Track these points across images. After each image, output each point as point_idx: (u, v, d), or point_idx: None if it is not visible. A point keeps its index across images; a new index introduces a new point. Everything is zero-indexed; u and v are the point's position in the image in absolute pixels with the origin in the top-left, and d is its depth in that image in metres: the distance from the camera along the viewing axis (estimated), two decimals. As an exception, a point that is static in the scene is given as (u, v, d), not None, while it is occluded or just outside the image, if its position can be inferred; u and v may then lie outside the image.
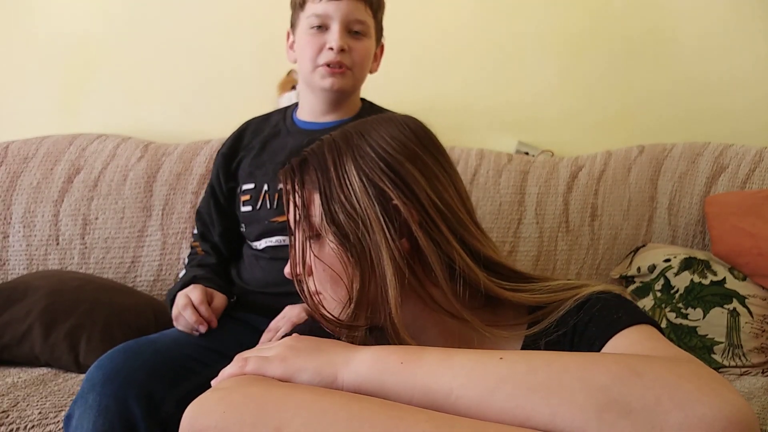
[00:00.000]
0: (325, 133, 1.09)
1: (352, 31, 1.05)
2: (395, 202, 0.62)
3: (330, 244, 0.63)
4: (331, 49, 1.03)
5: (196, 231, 1.22)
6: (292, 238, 0.68)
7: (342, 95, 1.09)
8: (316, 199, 0.65)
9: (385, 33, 1.18)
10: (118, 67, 1.81)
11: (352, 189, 0.63)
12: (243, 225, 1.14)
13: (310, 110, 1.14)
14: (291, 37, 1.13)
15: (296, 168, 0.67)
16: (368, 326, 0.63)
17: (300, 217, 0.66)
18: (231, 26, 1.79)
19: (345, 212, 0.62)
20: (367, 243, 0.62)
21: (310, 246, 0.65)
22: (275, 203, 1.09)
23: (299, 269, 0.66)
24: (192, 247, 1.21)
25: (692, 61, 1.75)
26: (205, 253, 1.17)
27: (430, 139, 0.68)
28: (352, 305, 0.62)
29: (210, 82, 1.80)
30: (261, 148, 1.15)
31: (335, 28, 1.03)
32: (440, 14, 1.78)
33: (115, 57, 1.81)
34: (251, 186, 1.12)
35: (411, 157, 0.64)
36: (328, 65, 1.05)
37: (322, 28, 1.05)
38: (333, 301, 0.64)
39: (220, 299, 1.05)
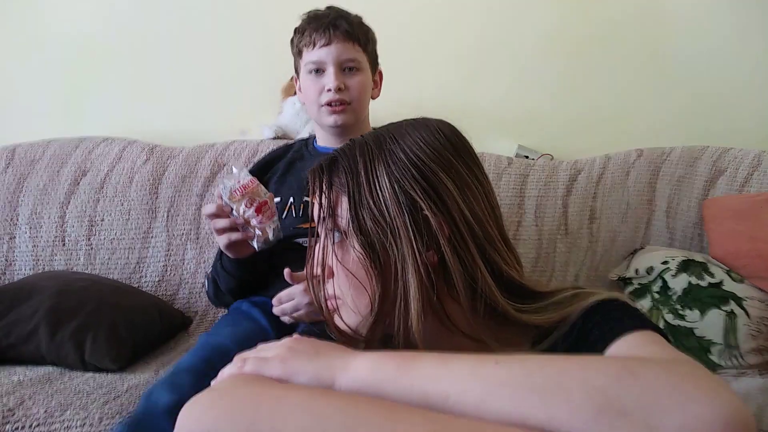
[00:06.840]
0: None
1: (345, 69, 1.16)
2: (426, 212, 0.60)
3: (354, 251, 0.61)
4: (330, 90, 1.14)
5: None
6: (314, 238, 0.66)
7: (347, 128, 1.19)
8: (344, 202, 0.62)
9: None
10: (124, 71, 1.82)
11: (382, 196, 0.61)
12: None
13: (327, 141, 1.25)
14: (297, 81, 1.25)
15: (325, 168, 0.65)
16: (381, 337, 0.62)
17: (324, 218, 0.63)
18: (236, 30, 1.80)
19: (373, 219, 0.60)
20: (393, 253, 0.60)
21: (333, 249, 0.63)
22: (300, 212, 1.18)
23: (317, 271, 0.64)
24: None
25: (691, 65, 1.76)
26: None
27: (463, 145, 0.66)
28: (373, 317, 0.60)
29: (215, 85, 1.81)
30: (286, 169, 1.25)
31: (330, 71, 1.15)
32: (440, 18, 1.79)
33: (120, 60, 1.82)
34: (277, 200, 1.19)
35: (444, 166, 0.62)
36: (330, 104, 1.16)
37: (319, 71, 1.16)
38: (352, 311, 0.63)
39: None
